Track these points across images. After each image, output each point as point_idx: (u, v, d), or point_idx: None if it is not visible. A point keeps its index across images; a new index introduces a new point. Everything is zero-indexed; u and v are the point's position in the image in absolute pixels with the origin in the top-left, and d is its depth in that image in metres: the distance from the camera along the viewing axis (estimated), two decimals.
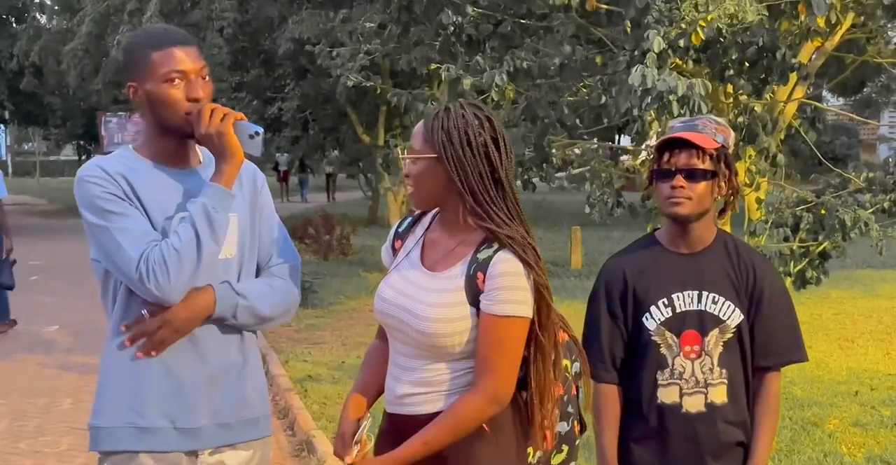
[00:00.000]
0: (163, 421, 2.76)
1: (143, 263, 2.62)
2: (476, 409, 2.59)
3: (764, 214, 6.56)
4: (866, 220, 6.18)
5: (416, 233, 2.79)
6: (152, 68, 2.70)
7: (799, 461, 5.84)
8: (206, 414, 2.80)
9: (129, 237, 2.65)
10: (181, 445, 2.79)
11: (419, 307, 2.62)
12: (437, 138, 2.57)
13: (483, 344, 2.58)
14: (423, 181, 2.62)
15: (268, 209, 2.96)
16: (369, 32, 8.66)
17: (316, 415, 6.93)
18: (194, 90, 2.70)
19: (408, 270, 2.72)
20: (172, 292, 2.65)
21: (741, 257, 2.98)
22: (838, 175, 6.93)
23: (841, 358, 8.76)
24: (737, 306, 2.94)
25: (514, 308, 2.57)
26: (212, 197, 2.69)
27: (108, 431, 2.79)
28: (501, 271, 2.56)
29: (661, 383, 2.94)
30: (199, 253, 2.65)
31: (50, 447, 6.41)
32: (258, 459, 2.95)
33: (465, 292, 2.59)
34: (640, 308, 2.97)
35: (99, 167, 2.73)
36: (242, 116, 2.74)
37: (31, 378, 8.37)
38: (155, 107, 2.73)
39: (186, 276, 2.65)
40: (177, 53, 2.71)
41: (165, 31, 2.81)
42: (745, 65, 6.23)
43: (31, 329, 10.64)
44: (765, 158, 6.41)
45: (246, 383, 2.88)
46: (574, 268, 15.26)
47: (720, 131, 2.93)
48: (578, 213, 8.56)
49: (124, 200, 2.69)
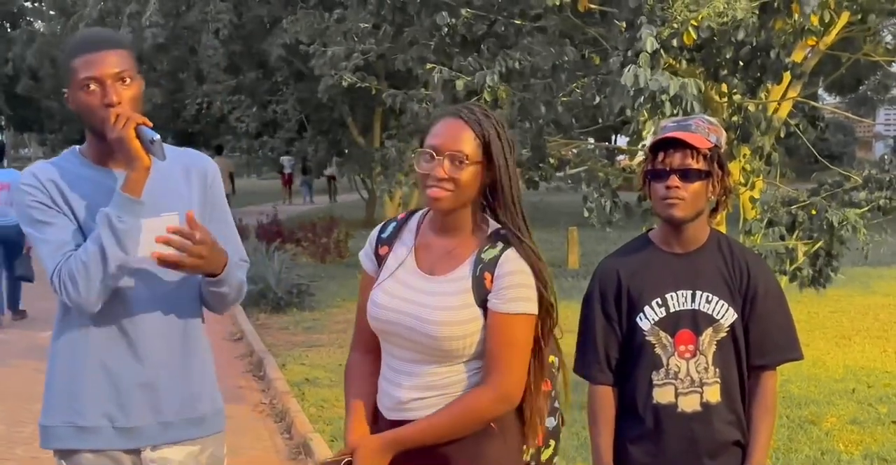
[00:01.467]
0: (101, 420, 2.83)
1: (55, 275, 2.71)
2: (486, 405, 2.59)
3: (759, 213, 6.56)
4: (854, 221, 6.17)
5: (404, 239, 2.76)
6: (73, 75, 2.75)
7: (796, 459, 5.84)
8: (147, 413, 2.85)
9: (48, 249, 2.74)
10: (120, 443, 2.85)
11: (426, 312, 2.60)
12: (494, 143, 2.58)
13: (493, 343, 2.58)
14: (469, 186, 2.59)
15: (219, 205, 2.99)
16: (363, 33, 8.67)
17: (313, 418, 6.91)
18: (107, 95, 2.72)
19: (405, 276, 2.69)
20: (86, 301, 2.72)
21: (735, 256, 2.98)
22: (837, 174, 6.93)
23: (838, 356, 8.76)
24: (730, 305, 2.93)
25: (523, 306, 2.58)
26: (116, 206, 2.71)
27: (52, 430, 2.88)
28: (509, 269, 2.58)
29: (657, 383, 2.94)
30: (104, 263, 2.68)
31: (46, 452, 6.37)
32: (208, 454, 2.96)
33: (473, 294, 2.60)
34: (634, 309, 2.96)
35: (32, 174, 2.81)
36: (145, 121, 2.72)
37: (27, 383, 8.35)
38: (79, 112, 2.79)
39: (96, 285, 2.70)
40: (92, 59, 2.73)
41: (86, 37, 2.83)
42: (740, 64, 6.22)
43: (27, 334, 10.62)
44: (759, 156, 6.41)
45: (189, 382, 2.91)
46: (571, 268, 15.26)
47: (713, 131, 2.93)
48: (575, 213, 8.56)
49: (52, 208, 2.76)
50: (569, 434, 6.34)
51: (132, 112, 2.72)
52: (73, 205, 2.77)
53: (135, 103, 2.76)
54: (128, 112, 2.71)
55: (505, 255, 2.59)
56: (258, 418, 7.23)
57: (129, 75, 2.76)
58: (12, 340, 10.35)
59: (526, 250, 2.60)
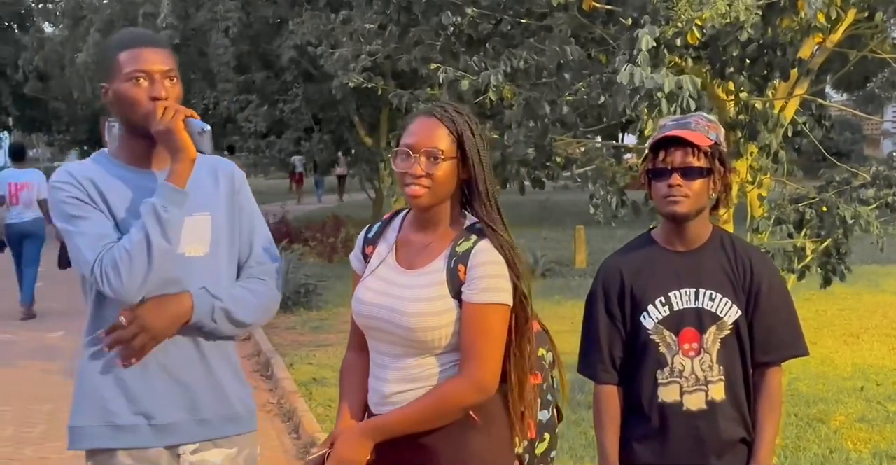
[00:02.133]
0: (137, 419, 2.81)
1: (97, 265, 2.68)
2: (460, 394, 2.64)
3: (766, 211, 6.54)
4: (866, 217, 6.15)
5: (387, 237, 2.83)
6: (119, 68, 2.76)
7: (805, 457, 5.82)
8: (182, 411, 2.84)
9: (86, 240, 2.71)
10: (158, 441, 2.83)
11: (402, 304, 2.66)
12: (467, 139, 2.66)
13: (467, 333, 2.64)
14: (446, 181, 2.67)
15: (247, 208, 2.99)
16: (369, 33, 8.66)
17: (321, 417, 6.92)
18: (156, 90, 2.75)
19: (384, 271, 2.77)
20: (128, 291, 2.70)
21: (738, 253, 2.97)
22: (845, 170, 6.90)
23: (846, 354, 8.74)
24: (734, 302, 2.93)
25: (495, 296, 2.63)
26: (162, 196, 2.71)
27: (85, 430, 2.85)
28: (482, 260, 2.64)
29: (662, 381, 2.93)
30: (149, 252, 2.67)
31: (55, 453, 6.41)
32: (245, 456, 2.96)
33: (448, 285, 2.66)
34: (638, 307, 2.96)
35: (68, 172, 2.81)
36: (193, 114, 2.75)
37: (35, 384, 8.38)
38: (121, 106, 2.79)
39: (139, 275, 2.68)
40: (142, 53, 2.76)
41: (134, 33, 2.87)
42: (746, 62, 6.21)
43: (35, 335, 10.66)
44: (766, 154, 6.39)
45: (222, 381, 2.91)
46: (578, 267, 15.25)
47: (712, 129, 2.93)
48: (582, 212, 8.55)
49: (88, 204, 2.76)
50: (576, 433, 6.34)
51: (178, 105, 2.75)
52: (110, 204, 2.77)
53: (178, 104, 2.79)
54: (175, 105, 2.74)
55: (478, 246, 2.66)
56: (266, 417, 7.23)
57: (175, 75, 2.81)
58: (20, 341, 10.38)
59: (500, 240, 2.66)
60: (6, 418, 7.28)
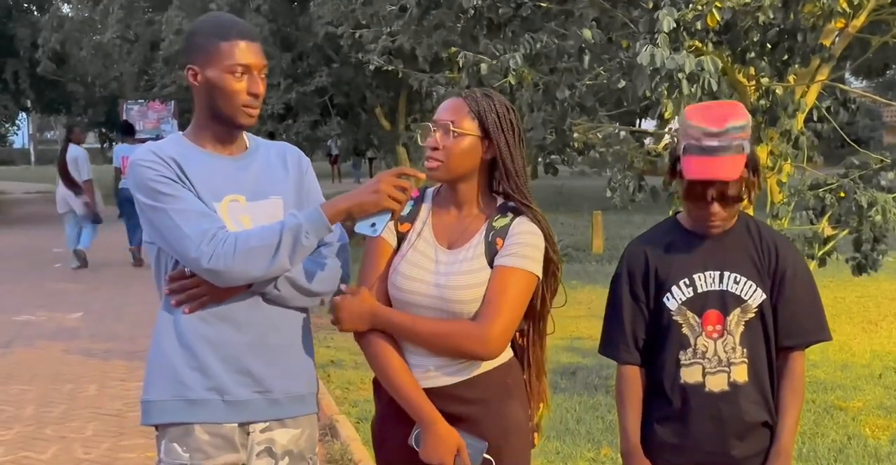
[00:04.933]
0: (211, 394, 2.83)
1: (206, 243, 2.69)
2: (464, 339, 2.71)
3: (786, 197, 6.52)
4: (883, 203, 6.12)
5: (421, 214, 2.89)
6: (218, 57, 2.79)
7: (822, 444, 5.82)
8: (253, 389, 2.86)
9: (187, 217, 2.72)
10: (231, 417, 2.85)
11: (448, 280, 2.74)
12: (490, 120, 2.75)
13: (490, 291, 2.72)
14: (461, 156, 2.76)
15: (314, 193, 3.02)
16: (389, 15, 8.65)
17: (339, 400, 6.95)
18: (255, 85, 2.81)
19: (424, 248, 2.83)
20: (227, 273, 2.71)
21: (763, 238, 2.98)
22: (865, 156, 6.87)
23: (864, 341, 8.72)
24: (759, 285, 2.93)
25: (524, 262, 2.73)
26: (311, 220, 2.73)
27: (159, 404, 2.86)
28: (521, 229, 2.76)
29: (684, 362, 2.94)
30: (269, 263, 2.70)
31: (76, 432, 6.45)
32: (306, 436, 3.00)
33: (486, 258, 2.75)
34: (662, 289, 2.97)
35: (151, 151, 2.83)
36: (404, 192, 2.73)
37: (55, 364, 8.43)
38: (213, 94, 2.82)
39: (246, 274, 2.72)
40: (244, 47, 2.80)
41: (235, 23, 2.88)
42: (767, 47, 6.18)
43: (55, 316, 10.71)
44: (787, 140, 6.37)
45: (292, 360, 2.93)
46: (595, 253, 15.23)
47: (744, 137, 2.84)
48: (599, 197, 8.53)
49: (176, 183, 2.77)
50: (594, 418, 6.35)
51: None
52: (193, 183, 2.80)
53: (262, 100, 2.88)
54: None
55: (516, 220, 2.78)
56: None
57: (266, 72, 2.87)
58: (40, 322, 10.44)
59: (537, 216, 2.79)
60: (27, 397, 7.33)
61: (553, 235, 2.82)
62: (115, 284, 12.98)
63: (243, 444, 2.89)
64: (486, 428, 2.76)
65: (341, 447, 5.76)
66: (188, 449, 2.83)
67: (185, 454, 2.83)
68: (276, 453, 2.92)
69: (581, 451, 5.72)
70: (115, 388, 7.57)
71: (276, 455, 2.93)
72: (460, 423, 2.75)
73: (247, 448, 2.90)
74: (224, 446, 2.85)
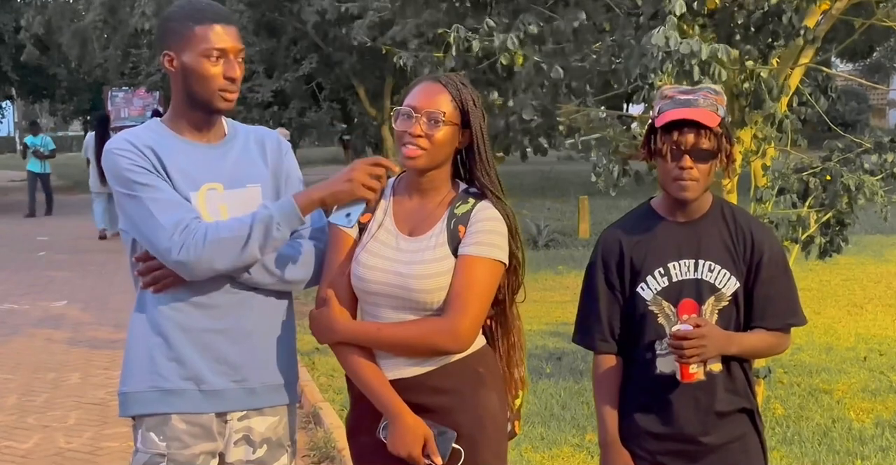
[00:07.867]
0: (187, 384, 2.81)
1: (178, 233, 2.67)
2: (435, 336, 2.69)
3: (770, 180, 6.49)
4: (870, 186, 6.10)
5: (382, 204, 2.84)
6: (193, 41, 2.75)
7: (807, 427, 5.83)
8: (230, 378, 2.84)
9: (162, 207, 2.70)
10: (207, 407, 2.83)
11: (410, 268, 2.70)
12: (469, 109, 2.73)
13: (456, 282, 2.69)
14: (444, 145, 2.73)
15: (293, 178, 2.98)
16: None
17: (323, 387, 6.92)
18: (232, 69, 2.78)
19: (385, 237, 2.79)
20: (195, 266, 2.69)
21: (738, 224, 2.95)
22: (849, 140, 6.85)
23: (850, 324, 8.72)
24: (733, 274, 2.90)
25: (490, 251, 2.70)
26: (283, 212, 2.72)
27: (135, 396, 2.85)
28: (482, 217, 2.72)
29: (660, 352, 2.91)
30: (240, 254, 2.69)
31: (58, 421, 6.42)
32: (284, 424, 2.99)
33: (449, 246, 2.71)
34: (637, 278, 2.94)
35: (127, 140, 2.79)
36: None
37: (39, 353, 8.39)
38: (189, 79, 2.78)
39: (214, 266, 2.69)
40: (220, 30, 2.76)
41: (211, 6, 2.84)
42: (751, 29, 6.14)
43: (40, 304, 10.67)
44: (771, 123, 6.34)
45: (271, 348, 2.91)
46: (582, 237, 15.22)
47: (719, 101, 2.87)
48: (586, 182, 8.52)
49: (152, 173, 2.74)
50: (579, 403, 6.34)
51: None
52: (169, 172, 2.76)
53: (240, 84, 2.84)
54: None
55: (478, 206, 2.74)
56: None
57: (244, 56, 2.84)
58: (24, 310, 10.39)
59: (500, 203, 2.75)
60: (10, 387, 7.29)
61: (519, 229, 2.78)
62: (100, 273, 12.92)
63: (221, 432, 2.88)
64: (459, 418, 2.73)
65: (325, 435, 5.74)
66: (165, 438, 2.82)
67: (162, 444, 2.82)
68: (254, 441, 2.91)
69: (566, 436, 5.71)
70: (99, 377, 7.54)
71: (254, 443, 2.91)
72: (433, 413, 2.72)
73: (224, 437, 2.89)
74: (201, 435, 2.84)
